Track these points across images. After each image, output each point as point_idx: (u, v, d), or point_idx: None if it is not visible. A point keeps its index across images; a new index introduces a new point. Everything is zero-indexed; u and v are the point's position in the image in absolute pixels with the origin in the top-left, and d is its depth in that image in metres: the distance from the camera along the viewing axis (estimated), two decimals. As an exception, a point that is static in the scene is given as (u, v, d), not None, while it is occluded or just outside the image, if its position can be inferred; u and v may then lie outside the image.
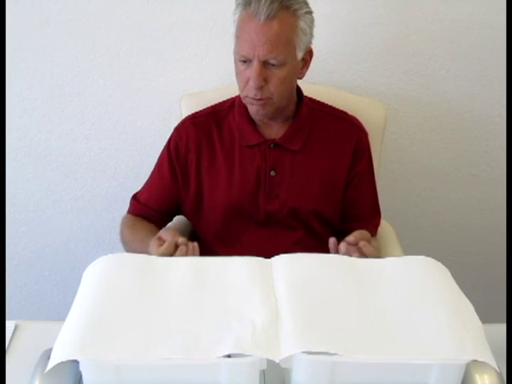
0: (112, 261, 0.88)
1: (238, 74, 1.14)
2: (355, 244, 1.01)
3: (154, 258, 0.95)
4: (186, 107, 1.40)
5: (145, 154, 1.67)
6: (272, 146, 1.22)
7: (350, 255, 0.98)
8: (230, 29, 1.15)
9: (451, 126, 1.65)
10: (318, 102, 1.29)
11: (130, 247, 1.25)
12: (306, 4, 1.12)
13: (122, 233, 1.30)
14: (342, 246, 1.01)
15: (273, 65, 1.09)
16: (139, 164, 1.68)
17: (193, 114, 1.29)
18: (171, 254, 1.01)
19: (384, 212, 1.56)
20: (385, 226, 1.47)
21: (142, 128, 1.63)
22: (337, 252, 1.02)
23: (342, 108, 1.29)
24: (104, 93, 1.58)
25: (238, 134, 1.23)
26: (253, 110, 1.17)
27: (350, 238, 1.02)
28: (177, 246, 1.02)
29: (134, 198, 1.33)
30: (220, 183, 1.22)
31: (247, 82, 1.12)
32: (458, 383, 0.74)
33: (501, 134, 1.65)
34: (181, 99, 1.43)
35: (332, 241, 1.04)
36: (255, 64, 1.09)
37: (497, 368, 0.72)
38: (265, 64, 1.09)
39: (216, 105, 1.29)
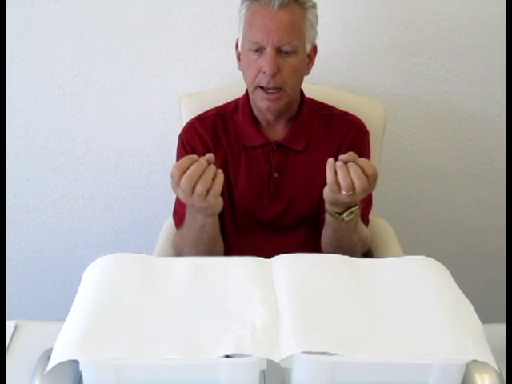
0: (112, 261, 0.88)
1: (248, 65, 1.14)
2: (349, 161, 0.98)
3: (154, 257, 0.95)
4: (185, 107, 1.40)
5: (145, 154, 1.67)
6: (275, 147, 1.22)
7: (347, 172, 0.96)
8: (230, 29, 1.16)
9: (451, 125, 1.65)
10: (318, 102, 1.29)
11: (184, 236, 1.15)
12: None
13: (175, 244, 1.22)
14: (339, 162, 0.98)
15: (286, 53, 1.10)
16: (139, 164, 1.68)
17: (199, 116, 1.27)
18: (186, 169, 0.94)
19: (384, 212, 1.56)
20: (385, 225, 1.47)
21: (142, 128, 1.63)
22: (335, 172, 0.98)
23: (342, 108, 1.29)
24: (104, 93, 1.58)
25: (241, 135, 1.23)
26: (264, 105, 1.16)
27: (343, 156, 0.99)
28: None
29: (175, 214, 1.27)
30: (226, 185, 1.22)
31: (259, 72, 1.12)
32: (458, 383, 0.74)
33: (501, 133, 1.65)
34: (181, 99, 1.43)
35: (331, 160, 0.99)
36: (269, 51, 1.09)
37: (497, 368, 0.72)
38: (278, 52, 1.10)
39: (220, 107, 1.29)
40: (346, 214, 1.06)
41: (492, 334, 0.76)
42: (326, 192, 1.02)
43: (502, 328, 0.85)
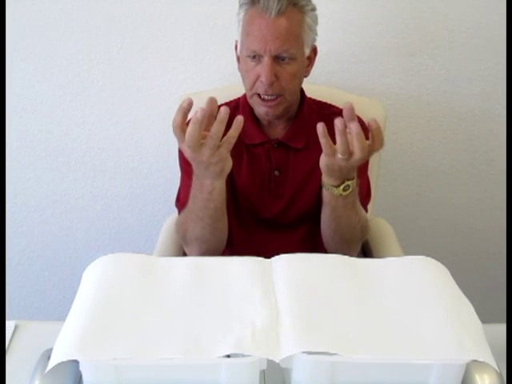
0: (112, 261, 0.88)
1: (246, 71, 1.13)
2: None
3: (154, 257, 0.95)
4: (185, 107, 1.40)
5: (145, 154, 1.67)
6: (275, 145, 1.22)
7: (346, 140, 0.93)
8: (230, 29, 1.16)
9: (451, 125, 1.65)
10: (319, 101, 1.29)
11: (190, 210, 1.12)
12: (310, 1, 1.13)
13: (179, 223, 1.20)
14: (339, 132, 0.92)
15: (283, 60, 1.09)
16: (139, 164, 1.68)
17: None
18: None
19: (384, 212, 1.56)
20: (385, 225, 1.47)
21: (142, 128, 1.63)
22: (325, 137, 0.94)
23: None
24: (104, 93, 1.58)
25: (242, 133, 1.23)
26: (262, 111, 1.16)
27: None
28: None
29: (178, 202, 1.27)
30: (229, 181, 1.22)
31: (257, 79, 1.11)
32: (458, 383, 0.74)
33: (501, 133, 1.65)
34: (181, 99, 1.42)
35: (321, 125, 0.94)
36: (266, 59, 1.08)
37: (497, 368, 0.72)
38: (275, 60, 1.09)
39: (221, 105, 1.28)
40: (342, 186, 1.04)
41: (492, 334, 0.76)
42: (322, 158, 1.00)
43: (502, 328, 0.85)
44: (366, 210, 1.25)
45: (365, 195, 1.22)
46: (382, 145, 0.97)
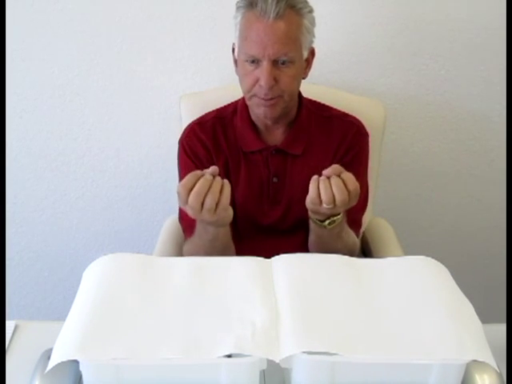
0: (112, 261, 0.88)
1: (244, 75, 1.13)
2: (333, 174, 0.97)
3: (154, 257, 0.95)
4: (185, 107, 1.40)
5: (145, 154, 1.67)
6: (274, 152, 1.22)
7: (331, 191, 0.96)
8: (230, 29, 1.15)
9: (451, 125, 1.65)
10: (317, 103, 1.29)
11: (197, 245, 1.14)
12: (308, 3, 1.12)
13: (188, 253, 1.20)
14: (322, 177, 0.97)
15: (282, 63, 1.09)
16: (139, 164, 1.68)
17: (198, 120, 1.26)
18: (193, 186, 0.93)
19: (384, 212, 1.56)
20: (385, 225, 1.47)
21: (141, 128, 1.63)
22: (318, 189, 0.97)
23: (342, 108, 1.29)
24: (104, 93, 1.58)
25: (240, 140, 1.23)
26: (260, 111, 1.16)
27: (327, 170, 0.98)
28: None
29: (181, 219, 1.25)
30: None
31: (255, 83, 1.11)
32: (458, 383, 0.74)
33: (501, 134, 1.65)
34: (181, 99, 1.43)
35: (315, 177, 0.98)
36: (265, 64, 1.08)
37: (497, 368, 0.72)
38: (274, 63, 1.09)
39: (219, 109, 1.28)
40: (327, 221, 1.06)
41: (492, 334, 0.76)
42: (308, 203, 1.02)
43: (502, 328, 0.85)
44: (360, 225, 1.25)
45: (358, 209, 1.20)
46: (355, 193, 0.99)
